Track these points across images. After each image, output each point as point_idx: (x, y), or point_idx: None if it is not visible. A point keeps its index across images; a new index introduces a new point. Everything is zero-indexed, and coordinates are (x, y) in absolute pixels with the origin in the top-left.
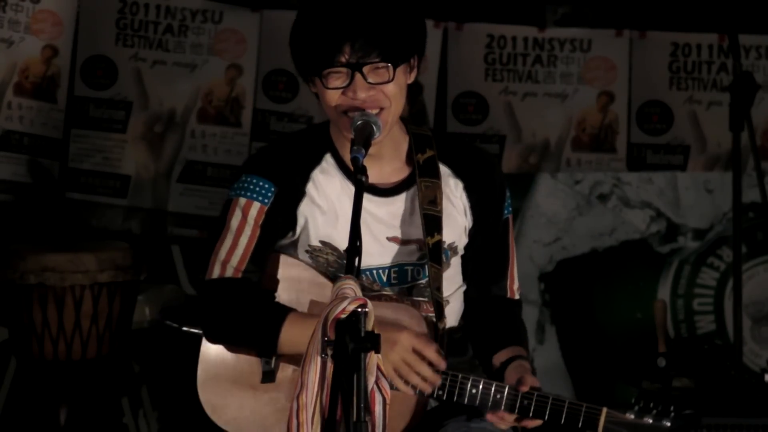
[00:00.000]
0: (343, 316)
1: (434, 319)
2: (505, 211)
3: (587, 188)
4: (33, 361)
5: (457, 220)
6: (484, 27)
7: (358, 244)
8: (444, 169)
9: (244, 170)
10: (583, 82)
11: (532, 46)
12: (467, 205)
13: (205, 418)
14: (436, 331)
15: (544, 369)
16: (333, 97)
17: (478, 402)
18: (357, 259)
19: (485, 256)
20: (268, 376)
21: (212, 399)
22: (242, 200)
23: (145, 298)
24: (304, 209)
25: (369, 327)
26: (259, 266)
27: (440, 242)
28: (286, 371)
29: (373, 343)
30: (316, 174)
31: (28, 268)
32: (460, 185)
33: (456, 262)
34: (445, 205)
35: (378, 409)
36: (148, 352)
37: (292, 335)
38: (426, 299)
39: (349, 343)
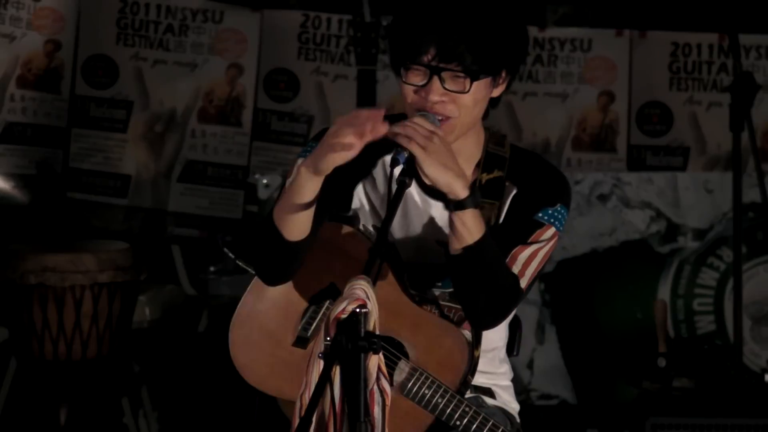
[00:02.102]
0: (343, 316)
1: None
2: (542, 215)
3: (587, 188)
4: (33, 361)
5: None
6: None
7: (383, 248)
8: (510, 188)
9: (315, 137)
10: (584, 81)
11: (533, 45)
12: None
13: (205, 417)
14: (471, 357)
15: (544, 369)
16: (408, 92)
17: None
18: (378, 263)
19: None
20: (301, 342)
21: (237, 339)
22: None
23: (145, 298)
24: (361, 191)
25: (370, 327)
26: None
27: None
28: (319, 345)
29: (372, 343)
30: (386, 162)
31: (29, 268)
32: (513, 190)
33: None
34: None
35: (377, 409)
36: (148, 352)
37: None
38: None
39: (349, 344)
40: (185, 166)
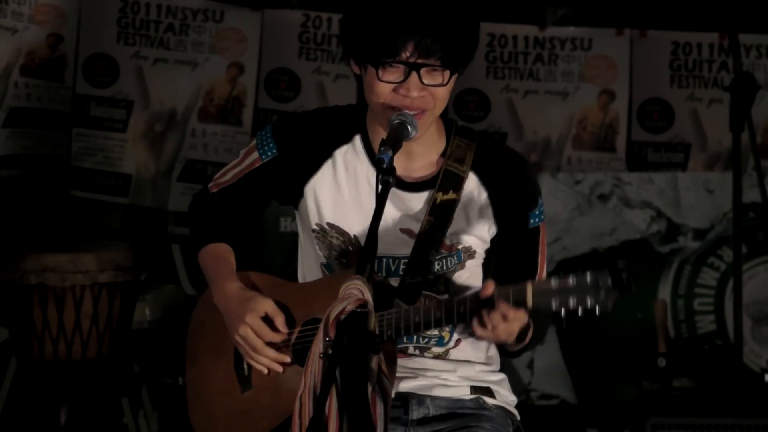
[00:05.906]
0: (344, 316)
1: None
2: (534, 220)
3: (587, 188)
4: (33, 361)
5: (476, 227)
6: (485, 26)
7: (373, 246)
8: (472, 177)
9: (271, 124)
10: (585, 80)
11: (533, 44)
12: (491, 212)
13: None
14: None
15: (545, 369)
16: (383, 90)
17: (443, 320)
18: (370, 262)
19: (512, 262)
20: (246, 384)
21: (199, 420)
22: (252, 143)
23: (145, 298)
24: (315, 185)
25: (370, 327)
26: (232, 204)
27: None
28: (259, 372)
29: (372, 343)
30: (341, 153)
31: (29, 268)
32: (483, 194)
33: (472, 265)
34: (465, 210)
35: (379, 409)
36: (148, 352)
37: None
38: (432, 294)
39: (349, 344)
40: (185, 166)
